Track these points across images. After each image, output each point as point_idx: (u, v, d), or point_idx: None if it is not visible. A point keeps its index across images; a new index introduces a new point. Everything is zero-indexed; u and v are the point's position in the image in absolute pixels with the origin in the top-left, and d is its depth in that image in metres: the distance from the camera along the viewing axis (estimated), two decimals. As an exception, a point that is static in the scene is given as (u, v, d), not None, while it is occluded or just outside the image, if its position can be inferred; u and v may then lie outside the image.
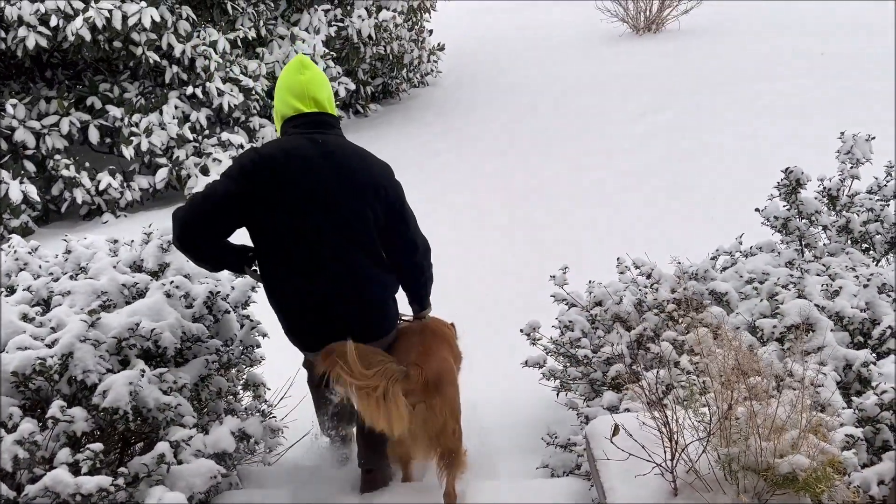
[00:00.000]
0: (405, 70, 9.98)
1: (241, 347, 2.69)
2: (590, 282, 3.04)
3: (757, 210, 3.15)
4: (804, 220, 2.97)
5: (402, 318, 2.68)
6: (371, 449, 2.51)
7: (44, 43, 6.02)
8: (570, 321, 2.89)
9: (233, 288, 2.85)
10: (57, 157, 6.44)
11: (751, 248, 3.13)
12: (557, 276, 3.04)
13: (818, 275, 2.65)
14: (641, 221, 5.36)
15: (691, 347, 2.32)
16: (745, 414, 1.61)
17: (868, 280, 2.36)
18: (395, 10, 8.92)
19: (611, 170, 6.50)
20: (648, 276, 2.98)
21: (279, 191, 2.22)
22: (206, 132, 7.09)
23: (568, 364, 2.92)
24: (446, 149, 7.83)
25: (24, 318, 2.32)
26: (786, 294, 2.51)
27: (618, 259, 3.18)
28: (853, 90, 7.42)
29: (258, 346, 2.77)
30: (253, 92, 7.49)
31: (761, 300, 2.58)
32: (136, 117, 6.66)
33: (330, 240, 2.28)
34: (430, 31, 10.55)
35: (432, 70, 10.69)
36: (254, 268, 2.40)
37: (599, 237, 5.16)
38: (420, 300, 2.70)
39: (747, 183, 5.56)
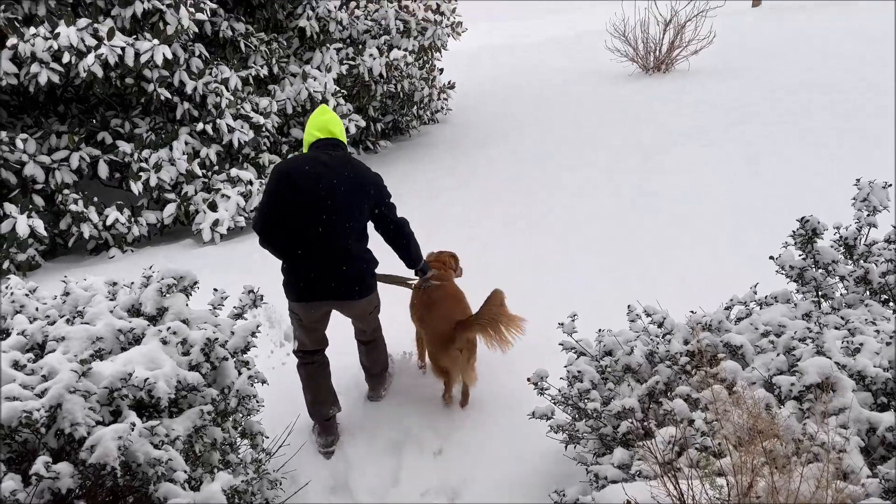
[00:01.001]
0: (415, 107, 10.03)
1: (237, 397, 2.60)
2: (599, 330, 2.95)
3: (771, 258, 3.06)
4: (821, 271, 2.88)
5: (409, 280, 4.08)
6: (371, 361, 3.92)
7: (56, 79, 6.06)
8: (578, 371, 2.79)
9: (232, 333, 2.78)
10: (66, 191, 6.45)
11: (765, 297, 3.04)
12: (566, 324, 2.95)
13: (837, 328, 2.55)
14: (652, 264, 5.26)
15: (706, 405, 2.23)
16: (766, 489, 1.50)
17: (891, 337, 2.26)
18: (406, 50, 8.99)
19: (620, 208, 6.44)
20: (660, 326, 2.89)
21: (300, 187, 3.24)
22: (216, 168, 7.10)
23: (577, 417, 2.81)
24: (455, 185, 7.81)
25: (16, 365, 2.25)
26: (803, 349, 2.41)
27: (628, 306, 3.09)
28: (868, 132, 7.35)
29: (255, 395, 2.68)
30: (263, 129, 7.51)
31: (778, 355, 2.48)
32: (145, 153, 6.67)
33: (332, 227, 3.28)
34: (441, 70, 10.62)
35: (442, 107, 10.75)
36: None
37: (609, 280, 5.07)
38: (416, 261, 3.77)
39: (760, 225, 5.50)
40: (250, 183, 7.00)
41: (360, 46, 8.84)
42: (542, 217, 6.52)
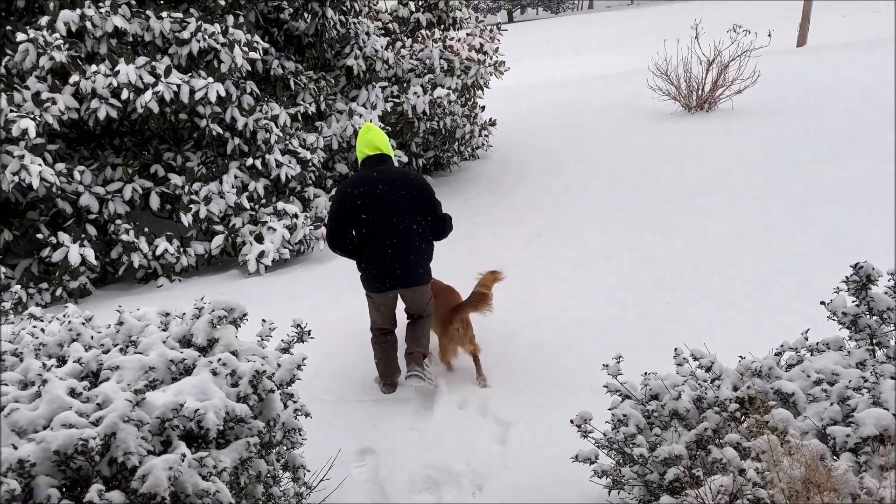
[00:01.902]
0: (457, 144, 10.15)
1: (283, 429, 2.63)
2: (645, 373, 2.91)
3: (823, 303, 3.00)
4: (875, 318, 2.81)
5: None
6: (413, 339, 4.50)
7: (114, 114, 6.31)
8: (624, 415, 2.75)
9: (279, 366, 2.83)
10: (118, 221, 6.67)
11: (817, 344, 2.97)
12: (611, 366, 2.92)
13: (893, 378, 2.48)
14: (698, 307, 5.18)
15: (757, 455, 2.17)
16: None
17: (952, 390, 2.18)
18: (449, 88, 9.13)
19: (664, 249, 6.36)
20: (708, 370, 2.84)
21: (359, 202, 4.08)
22: (263, 201, 7.27)
23: (622, 462, 2.76)
24: (495, 221, 7.85)
25: (72, 392, 2.32)
26: (859, 399, 2.35)
27: (675, 350, 3.05)
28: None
29: (300, 429, 2.71)
30: (310, 164, 7.68)
31: (832, 404, 2.42)
32: (196, 185, 6.88)
33: (393, 224, 4.11)
34: (483, 107, 10.75)
35: (483, 144, 10.85)
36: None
37: (654, 322, 5.00)
38: (442, 239, 4.56)
39: (808, 270, 5.38)
40: (295, 216, 7.14)
41: (405, 85, 9.02)
42: (582, 256, 6.48)
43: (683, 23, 14.87)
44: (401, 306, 4.60)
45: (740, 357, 2.95)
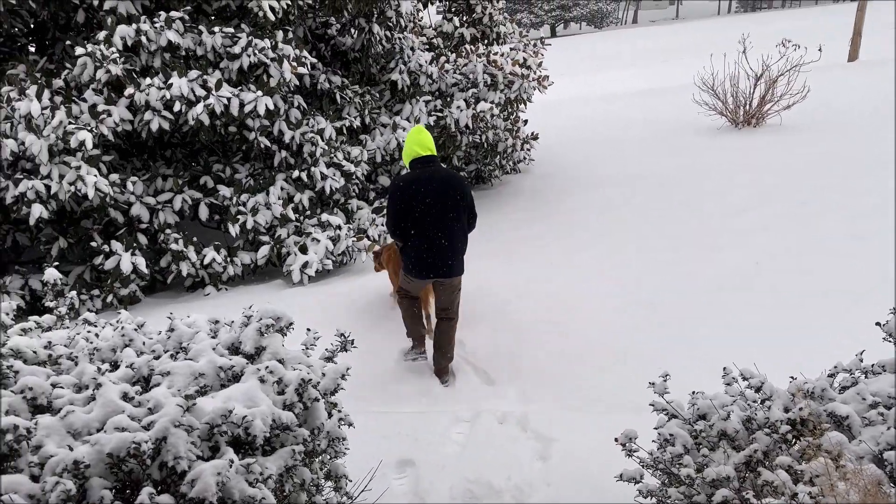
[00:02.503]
0: (498, 157, 10.16)
1: (327, 438, 2.65)
2: (693, 392, 2.86)
3: (878, 324, 2.90)
4: (936, 340, 2.71)
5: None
6: (440, 353, 4.93)
7: (166, 126, 6.49)
8: (671, 434, 2.70)
9: (323, 375, 2.85)
10: (168, 231, 6.84)
11: (872, 366, 2.87)
12: (657, 384, 2.87)
13: (955, 403, 2.39)
14: (747, 325, 5.06)
15: (811, 479, 2.11)
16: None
17: None
18: (492, 102, 9.16)
19: (710, 265, 6.25)
20: (758, 390, 2.77)
21: (412, 198, 4.49)
22: (308, 213, 7.38)
23: (668, 482, 2.71)
24: (536, 235, 7.82)
25: (125, 397, 2.38)
26: (918, 423, 2.27)
27: (724, 369, 2.99)
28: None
29: (345, 438, 2.73)
30: (354, 176, 7.78)
31: (889, 428, 2.34)
32: (244, 197, 7.02)
33: (440, 220, 4.53)
34: (525, 121, 10.76)
35: (525, 157, 10.84)
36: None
37: (701, 340, 4.91)
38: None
39: (862, 287, 5.23)
40: (339, 228, 7.23)
41: (449, 99, 9.08)
42: (625, 271, 6.41)
43: (729, 38, 14.70)
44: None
45: (791, 378, 2.87)
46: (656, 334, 5.12)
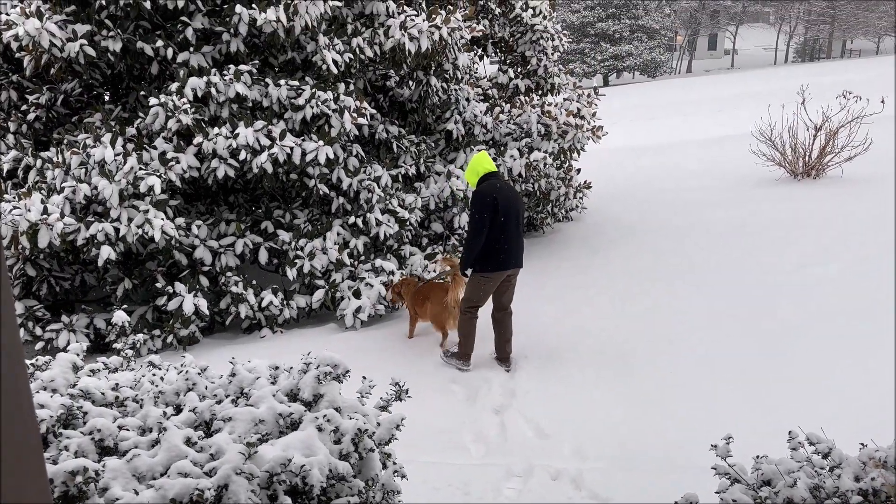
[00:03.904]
0: (550, 205, 10.17)
1: (382, 490, 2.66)
2: (757, 456, 2.77)
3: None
4: None
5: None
6: (503, 342, 6.00)
7: (232, 173, 6.74)
8: (733, 500, 2.61)
9: (378, 424, 2.87)
10: (228, 273, 7.03)
11: (950, 435, 2.74)
12: (720, 447, 2.79)
13: None
14: (813, 385, 4.89)
15: (886, 556, 2.02)
16: None
17: None
18: (545, 151, 9.23)
19: (771, 321, 6.08)
20: (826, 457, 2.67)
21: (499, 205, 5.53)
22: (362, 258, 7.50)
23: (730, 550, 2.61)
24: (588, 283, 7.75)
25: (188, 441, 2.44)
26: None
27: (789, 433, 2.89)
28: None
29: (399, 491, 2.73)
30: (407, 223, 7.90)
31: (970, 504, 2.22)
32: (301, 241, 7.19)
33: (515, 223, 5.67)
34: (578, 170, 10.77)
35: (577, 206, 10.82)
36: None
37: (760, 398, 4.76)
38: None
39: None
40: (392, 273, 7.32)
41: (502, 148, 9.18)
42: (678, 323, 6.29)
43: (786, 88, 14.55)
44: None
45: (861, 444, 2.76)
46: (714, 392, 4.99)
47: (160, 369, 3.43)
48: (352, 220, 7.46)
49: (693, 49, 65.60)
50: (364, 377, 3.23)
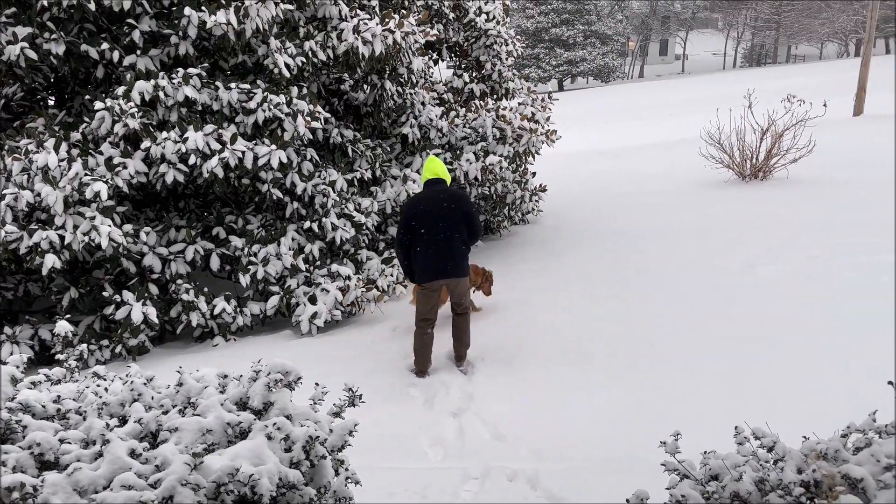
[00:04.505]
0: (507, 209, 10.24)
1: (334, 497, 2.63)
2: (704, 452, 2.82)
3: (890, 383, 2.88)
4: (950, 401, 2.67)
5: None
6: (457, 341, 5.97)
7: (181, 178, 6.61)
8: (682, 496, 2.65)
9: (331, 431, 2.84)
10: (179, 281, 6.89)
11: (886, 426, 2.83)
12: (669, 444, 2.83)
13: (972, 467, 2.34)
14: (758, 382, 5.01)
15: (826, 545, 2.07)
16: None
17: None
18: (501, 155, 9.29)
19: (723, 321, 6.20)
20: (770, 450, 2.73)
21: (417, 212, 5.59)
22: (318, 263, 7.43)
23: (679, 545, 2.65)
24: (546, 285, 7.81)
25: (132, 453, 2.38)
26: (935, 488, 2.22)
27: (735, 428, 2.95)
28: None
29: (352, 497, 2.70)
30: (364, 227, 7.86)
31: (905, 492, 2.29)
32: (255, 247, 7.09)
33: (444, 230, 5.53)
34: (534, 174, 10.87)
35: (533, 209, 10.91)
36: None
37: (712, 396, 4.86)
38: (476, 241, 6.08)
39: (876, 346, 5.18)
40: (348, 278, 7.27)
41: (458, 152, 9.21)
42: (634, 326, 6.38)
43: (734, 93, 14.92)
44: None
45: (804, 437, 2.83)
46: (668, 391, 5.07)
47: (105, 380, 3.34)
48: (307, 224, 7.39)
49: (645, 54, 66.92)
50: (317, 384, 3.19)
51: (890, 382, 2.87)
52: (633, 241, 9.12)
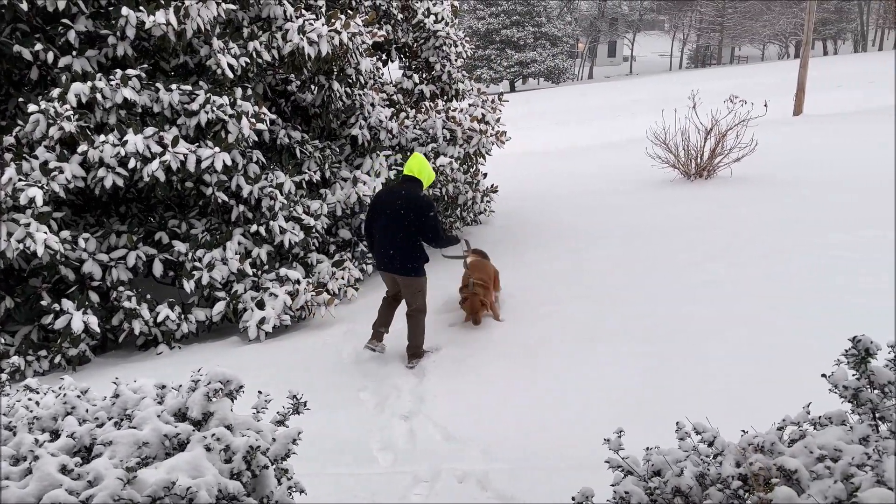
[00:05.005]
0: (459, 210, 10.26)
1: (277, 507, 2.58)
2: (647, 448, 2.86)
3: (823, 376, 2.97)
4: (876, 392, 2.77)
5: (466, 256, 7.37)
6: (408, 337, 6.03)
7: (120, 183, 6.42)
8: (626, 492, 2.69)
9: (273, 440, 2.79)
10: (120, 288, 6.69)
11: (819, 418, 2.92)
12: (612, 441, 2.87)
13: (898, 455, 2.43)
14: (701, 377, 5.12)
15: (761, 537, 2.12)
16: None
17: (958, 469, 2.14)
18: (451, 156, 9.30)
19: (668, 318, 6.31)
20: (710, 445, 2.79)
21: (377, 205, 5.95)
22: (266, 267, 7.31)
23: (623, 542, 2.68)
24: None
25: (64, 469, 2.29)
26: (862, 477, 2.30)
27: (677, 423, 3.00)
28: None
29: (295, 507, 2.65)
30: (314, 230, 7.76)
31: (835, 482, 2.36)
32: (200, 252, 6.93)
33: (393, 227, 5.74)
34: (485, 174, 10.92)
35: (485, 209, 10.96)
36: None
37: (659, 394, 4.94)
38: (440, 247, 6.24)
39: (812, 341, 5.33)
40: (297, 282, 7.17)
41: (409, 153, 9.18)
42: (583, 325, 6.44)
43: (680, 94, 15.25)
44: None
45: (742, 431, 2.90)
46: (616, 389, 5.13)
47: (37, 393, 3.22)
48: (254, 228, 7.26)
49: (594, 56, 67.98)
50: (260, 392, 3.13)
51: (823, 375, 2.97)
52: (582, 240, 9.22)
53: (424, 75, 10.89)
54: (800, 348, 5.28)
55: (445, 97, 10.94)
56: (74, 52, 6.74)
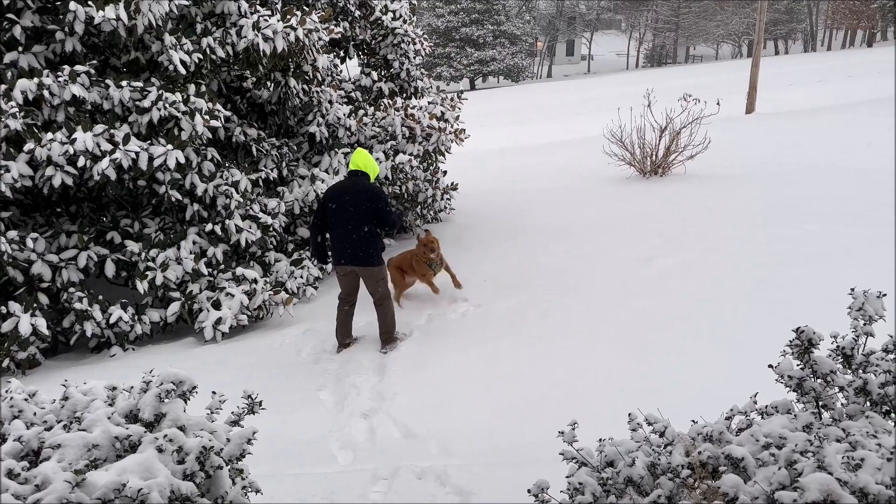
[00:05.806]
0: (419, 207, 10.26)
1: (231, 508, 2.55)
2: (600, 439, 2.91)
3: (770, 366, 3.06)
4: (819, 381, 2.87)
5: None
6: (379, 324, 6.21)
7: (70, 181, 6.26)
8: (580, 483, 2.73)
9: (228, 440, 2.76)
10: (71, 289, 6.53)
11: (766, 407, 3.01)
12: (566, 433, 2.91)
13: (838, 440, 2.53)
14: (656, 371, 5.22)
15: (708, 523, 2.18)
16: None
17: (892, 453, 2.23)
18: (411, 154, 9.29)
19: (624, 312, 6.42)
20: (661, 435, 2.85)
21: (329, 201, 5.98)
22: (222, 267, 7.21)
23: (577, 532, 2.73)
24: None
25: (10, 474, 2.23)
26: (805, 463, 2.38)
27: (629, 414, 3.06)
28: (864, 238, 7.46)
29: (250, 507, 2.63)
30: (271, 229, 7.68)
31: (780, 468, 2.44)
32: (153, 252, 6.80)
33: (348, 220, 5.85)
34: (444, 172, 10.93)
35: (445, 207, 10.98)
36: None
37: (613, 386, 5.02)
38: (393, 230, 7.71)
39: (759, 332, 5.47)
40: (255, 281, 7.09)
41: (368, 151, 9.14)
42: (543, 321, 6.51)
43: (636, 92, 15.49)
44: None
45: (693, 421, 2.97)
46: (572, 383, 5.21)
47: (-18, 398, 3.12)
48: (209, 227, 7.15)
49: (553, 55, 68.59)
50: (214, 392, 3.10)
51: (770, 365, 3.06)
52: (539, 236, 9.30)
53: (383, 73, 10.86)
54: (749, 341, 5.42)
55: (404, 95, 10.92)
56: (20, 48, 6.54)
